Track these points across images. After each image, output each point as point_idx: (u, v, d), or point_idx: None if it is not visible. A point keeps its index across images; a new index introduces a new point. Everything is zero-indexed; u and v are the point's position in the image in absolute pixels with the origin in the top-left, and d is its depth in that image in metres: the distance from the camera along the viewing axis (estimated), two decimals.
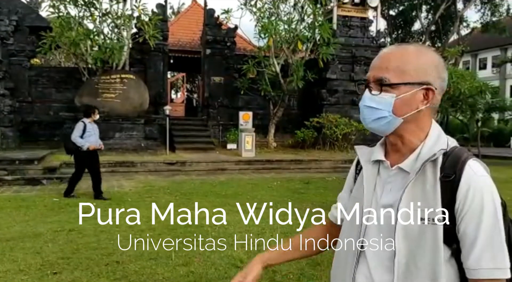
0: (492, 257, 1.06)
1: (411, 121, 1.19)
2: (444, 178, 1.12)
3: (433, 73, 1.18)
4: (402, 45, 1.23)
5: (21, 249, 4.93)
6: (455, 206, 1.10)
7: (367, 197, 1.25)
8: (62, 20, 14.40)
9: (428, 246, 1.11)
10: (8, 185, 9.53)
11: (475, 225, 1.08)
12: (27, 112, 15.68)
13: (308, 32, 16.01)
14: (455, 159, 1.14)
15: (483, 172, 1.12)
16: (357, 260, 1.23)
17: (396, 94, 1.17)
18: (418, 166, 1.15)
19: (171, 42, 21.24)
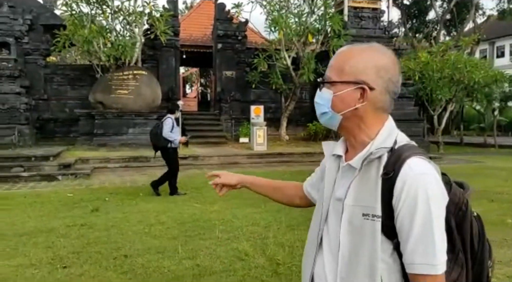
0: (424, 253, 1.09)
1: (353, 119, 1.24)
2: (385, 175, 1.15)
3: (371, 73, 1.21)
4: (354, 45, 1.28)
5: (34, 244, 5.09)
6: (392, 202, 1.13)
7: (327, 189, 1.31)
8: (75, 18, 14.63)
9: (368, 241, 1.16)
10: (24, 181, 9.78)
11: (409, 221, 1.11)
12: (43, 110, 16.01)
13: (319, 25, 15.93)
14: (398, 156, 1.16)
15: (423, 170, 1.13)
16: (317, 248, 1.31)
17: (333, 91, 1.24)
18: (359, 163, 1.20)
19: (183, 37, 21.35)
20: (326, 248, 1.28)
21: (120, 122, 13.97)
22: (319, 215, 1.33)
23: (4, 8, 13.99)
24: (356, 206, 1.19)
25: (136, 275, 4.19)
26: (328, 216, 1.29)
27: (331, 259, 1.25)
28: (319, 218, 1.32)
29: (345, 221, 1.21)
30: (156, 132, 8.17)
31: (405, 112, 17.68)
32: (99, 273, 4.21)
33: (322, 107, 1.27)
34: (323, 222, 1.31)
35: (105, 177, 10.63)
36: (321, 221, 1.31)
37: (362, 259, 1.16)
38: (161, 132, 8.08)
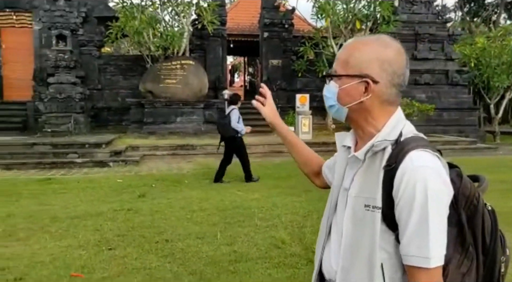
0: (418, 246, 1.09)
1: (360, 112, 1.25)
2: (387, 166, 1.15)
3: (375, 66, 1.21)
4: (360, 37, 1.28)
5: (83, 227, 5.40)
6: (393, 193, 1.13)
7: (336, 179, 1.34)
8: (127, 9, 15.10)
9: (368, 231, 1.16)
10: (78, 167, 10.32)
11: (407, 213, 1.10)
12: (97, 99, 16.72)
13: (367, 11, 15.52)
14: (400, 149, 1.16)
15: (425, 162, 1.12)
16: (326, 236, 1.34)
17: (339, 84, 1.25)
18: (363, 155, 1.21)
19: (231, 26, 21.50)
20: (334, 237, 1.31)
21: (168, 111, 14.36)
22: (329, 204, 1.36)
23: (61, 2, 14.69)
24: (359, 197, 1.21)
25: (175, 259, 4.35)
26: (337, 205, 1.32)
27: (338, 247, 1.27)
28: (329, 208, 1.36)
29: (348, 211, 1.23)
30: (224, 123, 8.41)
31: (458, 100, 16.98)
32: (141, 256, 4.40)
33: (330, 100, 1.28)
34: (332, 211, 1.34)
35: (153, 164, 11.01)
36: (330, 210, 1.34)
37: (362, 249, 1.18)
38: (229, 123, 8.28)
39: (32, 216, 5.89)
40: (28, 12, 16.40)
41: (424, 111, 14.96)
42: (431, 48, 16.91)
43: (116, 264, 4.18)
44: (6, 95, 16.64)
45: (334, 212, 1.33)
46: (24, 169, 9.99)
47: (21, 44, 16.64)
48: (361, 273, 1.18)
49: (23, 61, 16.58)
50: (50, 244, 4.73)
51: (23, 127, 14.97)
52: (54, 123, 13.17)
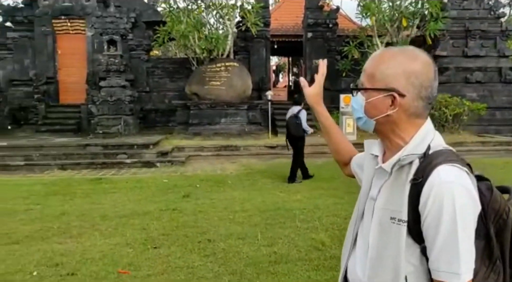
0: (448, 261, 1.09)
1: (387, 124, 1.25)
2: (413, 180, 1.16)
3: (401, 80, 1.21)
4: (387, 49, 1.28)
5: (131, 225, 5.65)
6: (419, 208, 1.14)
7: (364, 187, 1.36)
8: (173, 14, 15.52)
9: (393, 244, 1.17)
10: (127, 167, 10.74)
11: (434, 229, 1.11)
12: (146, 101, 17.29)
13: (414, 8, 15.11)
14: (428, 163, 1.16)
15: (452, 178, 1.11)
16: (352, 243, 1.37)
17: (366, 98, 1.26)
18: (389, 168, 1.22)
19: (275, 27, 21.55)
20: (360, 245, 1.33)
21: (213, 112, 14.63)
22: (356, 211, 1.38)
23: (111, 8, 15.31)
24: (385, 209, 1.22)
25: (217, 258, 4.48)
26: (364, 213, 1.33)
27: (363, 256, 1.29)
28: (356, 215, 1.37)
29: (375, 222, 1.25)
30: (296, 123, 8.70)
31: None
32: (184, 255, 4.56)
33: (357, 112, 1.30)
34: (359, 219, 1.35)
35: (198, 164, 11.28)
36: (357, 217, 1.36)
37: (387, 260, 1.19)
38: (301, 123, 8.62)
39: (84, 214, 6.22)
40: (82, 19, 17.21)
41: (475, 110, 14.41)
42: (482, 45, 16.22)
43: (160, 262, 4.36)
44: (62, 99, 17.53)
45: (361, 219, 1.35)
46: (77, 169, 10.53)
47: (76, 49, 17.48)
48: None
49: (77, 65, 17.41)
50: (100, 242, 5.00)
51: (77, 129, 15.73)
52: (105, 125, 13.76)
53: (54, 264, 4.31)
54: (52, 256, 4.54)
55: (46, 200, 7.26)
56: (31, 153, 11.25)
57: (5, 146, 11.63)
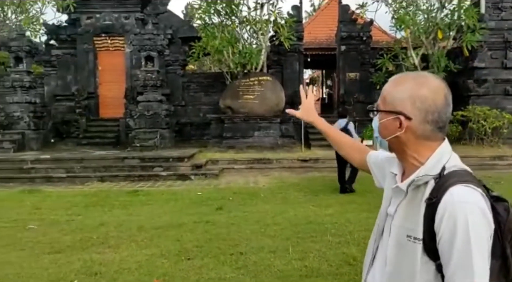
0: (463, 278, 1.14)
1: (397, 144, 1.34)
2: (428, 200, 1.22)
3: (408, 105, 1.28)
4: (402, 74, 1.37)
5: (166, 237, 5.82)
6: (434, 227, 1.20)
7: (384, 204, 1.43)
8: (208, 30, 15.91)
9: (409, 261, 1.24)
10: (163, 180, 11.03)
11: (449, 248, 1.17)
12: (181, 115, 17.70)
13: (450, 19, 14.88)
14: (443, 183, 1.22)
15: (465, 198, 1.17)
16: (372, 258, 1.44)
17: (379, 119, 1.37)
18: (405, 187, 1.30)
19: (308, 40, 21.70)
20: (378, 260, 1.40)
21: (247, 126, 14.81)
22: (376, 226, 1.45)
23: (149, 26, 15.85)
24: (402, 227, 1.29)
25: (249, 271, 4.56)
26: (384, 229, 1.40)
27: (381, 271, 1.37)
28: (376, 231, 1.45)
29: (392, 239, 1.32)
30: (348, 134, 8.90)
31: None
32: (217, 267, 4.68)
33: (375, 132, 1.41)
34: (379, 234, 1.42)
35: (231, 177, 11.44)
36: (377, 233, 1.43)
37: (404, 276, 1.26)
38: (352, 135, 8.86)
39: (121, 225, 6.46)
40: (121, 36, 17.89)
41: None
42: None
43: (193, 274, 4.49)
44: (102, 113, 18.19)
45: (381, 235, 1.41)
46: (115, 181, 10.90)
47: (115, 65, 18.15)
48: None
49: (117, 81, 18.06)
50: (136, 252, 5.18)
51: (116, 142, 16.26)
52: (142, 139, 14.17)
53: (93, 273, 4.52)
54: (91, 265, 4.75)
55: (86, 211, 7.57)
56: (73, 165, 11.74)
57: (49, 159, 12.19)
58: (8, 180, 11.06)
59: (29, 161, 11.98)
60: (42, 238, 5.84)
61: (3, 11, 16.99)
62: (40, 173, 11.49)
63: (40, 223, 6.70)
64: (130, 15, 17.70)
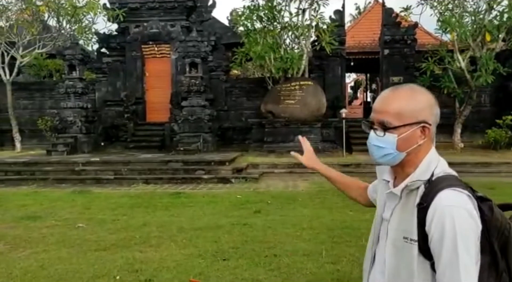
0: (450, 277, 1.25)
1: (415, 153, 1.41)
2: (419, 205, 1.33)
3: (427, 112, 1.39)
4: (397, 89, 1.45)
5: (204, 238, 6.05)
6: (426, 229, 1.30)
7: (378, 210, 1.54)
8: (250, 36, 16.19)
9: (406, 260, 1.35)
10: (205, 183, 11.33)
11: (439, 249, 1.28)
12: (224, 119, 18.08)
13: (499, 21, 14.37)
14: (431, 188, 1.32)
15: (453, 202, 1.27)
16: (371, 262, 1.55)
17: (397, 134, 1.38)
18: (399, 192, 1.40)
19: (352, 44, 21.57)
20: (377, 263, 1.51)
21: (287, 130, 14.93)
22: (373, 232, 1.57)
23: (194, 33, 16.33)
24: (398, 229, 1.40)
25: (281, 273, 4.69)
26: (380, 234, 1.52)
27: (381, 272, 1.47)
28: (373, 236, 1.56)
29: (389, 242, 1.43)
30: None
31: None
32: (251, 268, 4.83)
33: (385, 150, 1.41)
34: (376, 239, 1.54)
35: (271, 181, 11.58)
36: (374, 239, 1.55)
37: (403, 276, 1.37)
38: None
39: (163, 226, 6.75)
40: (167, 43, 18.53)
41: None
42: None
43: (228, 274, 4.67)
44: (149, 117, 18.89)
45: (377, 240, 1.52)
46: (159, 184, 11.33)
47: (161, 72, 18.82)
48: None
49: (163, 87, 18.71)
50: (176, 252, 5.43)
51: (161, 146, 16.83)
52: (186, 142, 14.61)
53: (134, 270, 4.80)
54: (133, 262, 5.04)
55: (131, 211, 7.96)
56: (120, 168, 12.30)
57: (98, 161, 12.84)
58: (61, 180, 11.75)
59: (80, 163, 12.67)
60: (89, 236, 6.23)
61: (58, 21, 18.02)
62: (90, 174, 12.12)
63: (88, 222, 7.12)
64: (176, 23, 18.31)
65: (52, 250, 5.62)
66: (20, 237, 6.23)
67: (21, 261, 5.17)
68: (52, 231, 6.56)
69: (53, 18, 17.94)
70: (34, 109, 19.32)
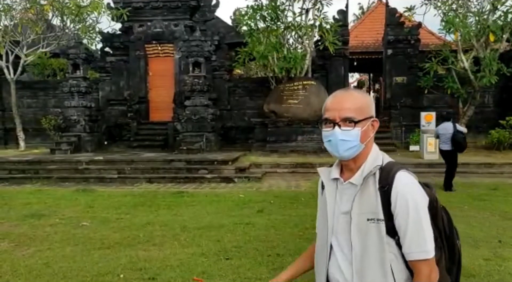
0: (418, 243, 1.45)
1: (368, 145, 1.60)
2: (381, 188, 1.51)
3: (372, 108, 1.62)
4: (348, 90, 1.66)
5: (207, 237, 6.08)
6: (391, 208, 1.49)
7: (330, 207, 1.64)
8: (253, 35, 16.21)
9: (375, 239, 1.50)
10: (208, 182, 11.37)
11: (404, 221, 1.47)
12: (227, 119, 18.11)
13: (503, 22, 14.34)
14: (388, 172, 1.53)
15: (408, 180, 1.51)
16: (328, 255, 1.63)
17: (360, 127, 1.56)
18: (361, 180, 1.54)
19: (355, 44, 21.56)
20: (338, 251, 1.60)
21: (290, 130, 14.96)
22: (325, 227, 1.64)
23: (197, 33, 16.36)
24: (361, 213, 1.53)
25: None
26: (334, 226, 1.61)
27: (345, 258, 1.57)
28: (327, 229, 1.64)
29: (354, 227, 1.54)
30: (463, 137, 9.65)
31: None
32: (253, 267, 4.86)
33: (351, 143, 1.56)
34: (330, 232, 1.62)
35: (274, 181, 11.61)
36: (328, 232, 1.63)
37: (373, 254, 1.50)
38: (464, 137, 9.63)
39: (166, 225, 6.79)
40: (171, 43, 18.56)
41: None
42: None
43: (231, 272, 4.70)
44: (152, 116, 18.93)
45: (332, 233, 1.61)
46: (163, 183, 11.37)
47: (165, 71, 18.85)
48: (375, 273, 1.49)
49: (166, 86, 18.74)
50: (179, 251, 5.47)
51: (164, 145, 16.87)
52: (189, 142, 14.65)
53: (138, 268, 4.83)
54: (137, 261, 5.08)
55: (134, 210, 8.00)
56: (124, 167, 12.34)
57: (101, 160, 12.88)
58: (65, 179, 11.81)
59: (84, 162, 12.72)
60: (93, 235, 6.27)
61: (62, 20, 18.07)
62: (93, 173, 12.17)
63: (92, 220, 7.17)
64: (179, 23, 18.33)
65: (56, 248, 5.67)
66: (25, 235, 6.28)
67: (25, 259, 5.22)
68: (56, 229, 6.61)
69: (57, 17, 17.99)
70: (38, 108, 19.40)
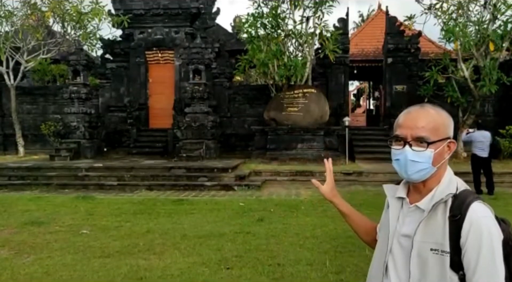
0: (489, 279, 1.32)
1: (441, 168, 1.49)
2: (452, 217, 1.40)
3: (451, 128, 1.51)
4: (424, 106, 1.53)
5: (207, 246, 6.05)
6: (460, 241, 1.37)
7: (392, 226, 1.56)
8: (254, 43, 16.25)
9: (436, 272, 1.39)
10: (207, 190, 11.34)
11: (475, 256, 1.34)
12: (226, 126, 18.12)
13: (503, 31, 14.40)
14: (462, 201, 1.40)
15: (485, 213, 1.38)
16: (383, 276, 1.56)
17: (434, 149, 1.45)
18: (430, 206, 1.44)
19: (355, 52, 21.64)
20: (394, 276, 1.52)
21: (290, 138, 14.95)
22: (384, 247, 1.58)
23: (198, 40, 16.42)
24: (424, 242, 1.44)
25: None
26: (393, 248, 1.53)
27: None
28: (385, 250, 1.57)
29: (414, 254, 1.45)
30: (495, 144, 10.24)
31: None
32: (254, 277, 4.83)
33: (421, 165, 1.45)
34: (388, 253, 1.55)
35: (274, 189, 11.59)
36: (386, 252, 1.56)
37: None
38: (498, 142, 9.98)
39: (166, 233, 6.76)
40: (171, 50, 18.63)
41: None
42: None
43: None
44: (152, 123, 18.95)
45: (390, 254, 1.54)
46: (162, 190, 11.33)
47: (165, 78, 18.90)
48: None
49: (166, 93, 18.78)
50: (179, 259, 5.44)
51: (164, 152, 16.87)
52: (188, 149, 14.63)
53: (138, 277, 4.80)
54: (137, 270, 5.04)
55: (134, 218, 7.96)
56: (123, 174, 12.32)
57: (101, 167, 12.86)
58: (64, 186, 11.77)
59: (83, 168, 12.70)
60: (93, 243, 6.24)
61: (63, 27, 18.12)
62: (93, 180, 12.14)
63: (92, 228, 7.14)
64: (180, 30, 18.41)
65: (56, 256, 5.64)
66: (25, 243, 6.25)
67: (25, 267, 5.19)
68: (56, 237, 6.57)
69: (58, 23, 18.04)
70: (37, 114, 19.41)
